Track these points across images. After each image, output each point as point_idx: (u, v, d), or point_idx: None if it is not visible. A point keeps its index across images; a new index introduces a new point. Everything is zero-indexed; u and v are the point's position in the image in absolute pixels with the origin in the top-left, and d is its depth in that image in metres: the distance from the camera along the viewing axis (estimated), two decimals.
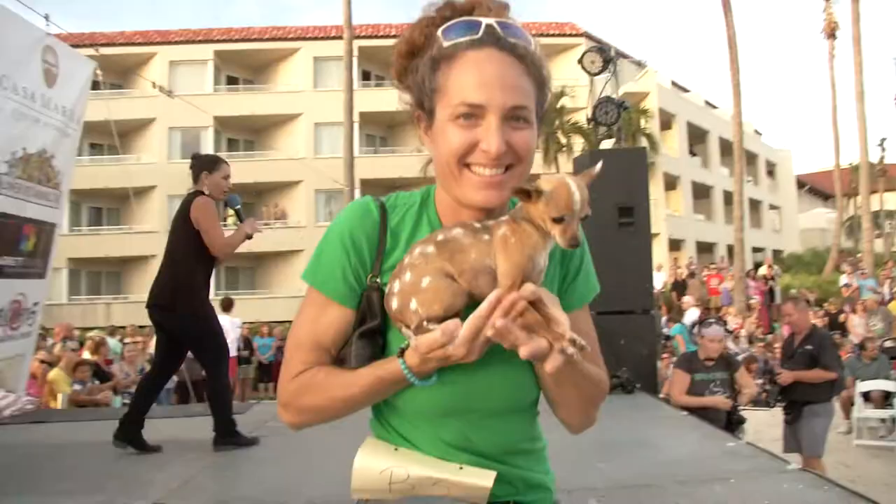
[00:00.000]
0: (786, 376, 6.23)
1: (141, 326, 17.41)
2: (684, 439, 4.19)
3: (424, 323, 1.07)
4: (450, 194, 1.18)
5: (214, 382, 4.66)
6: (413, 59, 1.19)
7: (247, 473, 4.02)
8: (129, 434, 4.50)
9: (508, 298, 1.02)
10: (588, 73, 7.48)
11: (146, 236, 26.74)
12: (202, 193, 4.69)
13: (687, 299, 15.15)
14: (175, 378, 12.10)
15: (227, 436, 4.54)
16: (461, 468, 1.16)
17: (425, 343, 1.05)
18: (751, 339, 14.56)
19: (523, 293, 1.02)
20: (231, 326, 13.35)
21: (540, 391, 1.24)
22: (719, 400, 5.74)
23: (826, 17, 29.25)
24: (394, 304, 1.10)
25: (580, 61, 7.53)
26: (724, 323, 7.57)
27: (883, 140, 40.14)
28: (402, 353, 1.10)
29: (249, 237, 4.91)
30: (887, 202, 37.46)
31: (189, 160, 4.95)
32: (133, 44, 28.17)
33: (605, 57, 7.36)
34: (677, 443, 4.07)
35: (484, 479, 1.15)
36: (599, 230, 6.24)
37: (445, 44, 1.12)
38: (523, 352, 1.02)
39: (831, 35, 28.28)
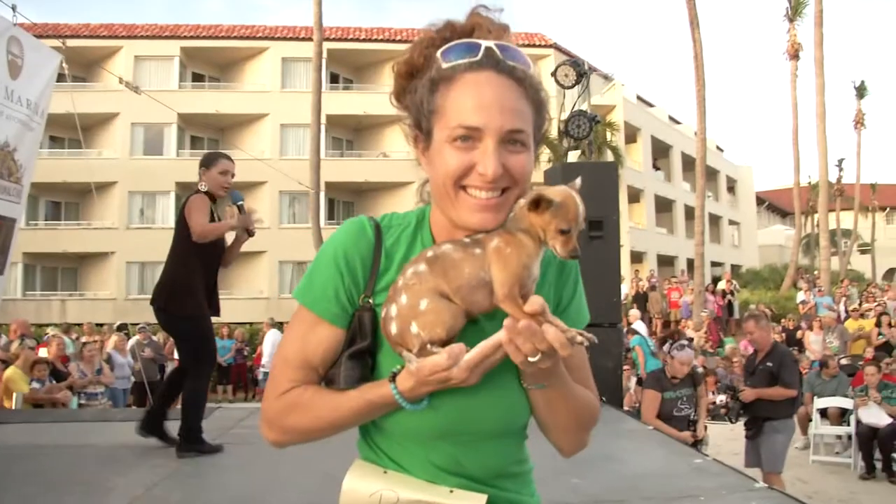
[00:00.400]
0: (747, 393, 6.34)
1: (98, 325, 17.04)
2: (652, 455, 4.23)
3: (428, 346, 1.05)
4: (445, 215, 1.17)
5: (193, 387, 4.56)
6: (412, 80, 1.18)
7: (212, 481, 3.94)
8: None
9: (524, 323, 1.01)
10: (561, 86, 7.53)
11: (105, 232, 26.21)
12: (200, 191, 4.66)
13: (634, 312, 15.35)
14: (132, 378, 11.90)
15: (192, 442, 4.45)
16: (452, 492, 1.15)
17: (428, 366, 1.04)
18: (702, 352, 14.78)
19: (533, 307, 1.03)
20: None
21: (530, 415, 1.23)
22: (686, 436, 5.93)
23: (790, 39, 29.98)
24: (393, 328, 1.09)
25: (553, 74, 7.58)
26: (691, 341, 7.69)
27: (841, 161, 41.41)
28: (393, 377, 1.09)
29: (251, 234, 4.88)
30: (843, 221, 38.52)
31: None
32: (97, 36, 27.61)
33: (579, 71, 7.42)
34: (646, 458, 4.10)
35: (475, 502, 1.14)
36: None
37: (444, 65, 1.12)
38: (551, 333, 1.01)
39: (794, 56, 28.96)
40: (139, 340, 13.22)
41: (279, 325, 16.28)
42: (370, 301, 1.16)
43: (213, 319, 4.82)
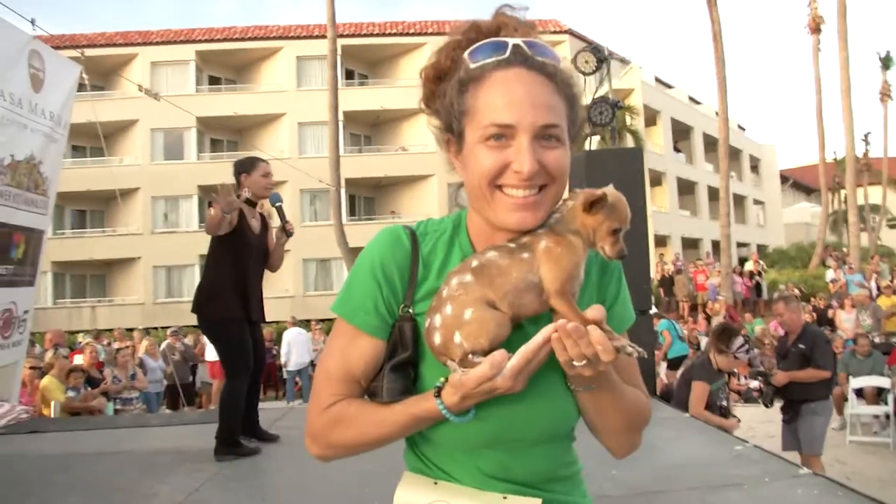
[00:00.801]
0: (780, 377, 6.24)
1: (128, 329, 17.26)
2: (692, 443, 4.18)
3: (470, 356, 1.04)
4: (483, 217, 1.15)
5: (229, 390, 4.58)
6: (440, 84, 1.17)
7: (253, 484, 3.95)
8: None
9: (572, 325, 0.99)
10: (582, 72, 7.44)
11: (131, 238, 26.53)
12: (247, 198, 4.71)
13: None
14: (165, 381, 12.05)
15: (230, 445, 4.46)
16: (505, 498, 1.13)
17: (473, 378, 1.01)
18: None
19: (595, 314, 1.02)
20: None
21: (578, 417, 1.20)
22: (734, 423, 5.83)
23: (811, 12, 29.43)
24: (436, 339, 1.07)
25: (573, 61, 7.47)
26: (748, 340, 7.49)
27: (867, 135, 40.76)
28: (438, 391, 1.07)
29: (289, 234, 4.89)
30: (871, 196, 37.87)
31: (170, 161, 4.90)
32: (114, 45, 27.88)
33: (599, 56, 7.32)
34: (686, 447, 4.05)
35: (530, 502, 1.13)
36: None
37: (472, 65, 1.11)
38: (596, 335, 0.99)
39: (816, 30, 28.43)
40: (170, 343, 13.37)
41: (302, 324, 16.35)
42: (410, 311, 1.15)
43: None
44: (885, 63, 38.18)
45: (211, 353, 13.41)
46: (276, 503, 3.53)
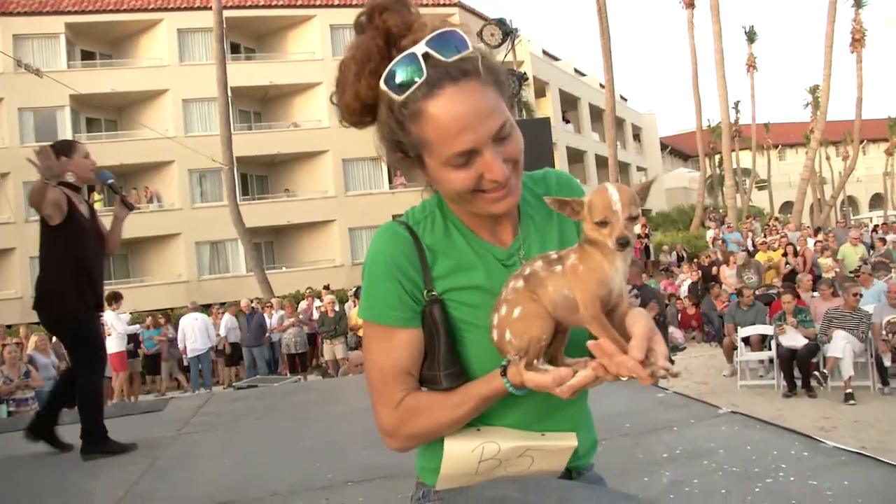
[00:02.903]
0: None
1: (8, 326, 16.08)
2: (617, 394, 4.43)
3: (536, 362, 1.11)
4: (467, 210, 1.22)
5: (84, 387, 4.32)
6: (370, 112, 1.17)
7: (193, 472, 3.87)
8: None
9: (610, 348, 1.01)
10: (488, 45, 7.58)
11: (3, 228, 24.64)
12: (63, 183, 4.31)
13: None
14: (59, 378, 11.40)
15: (96, 443, 4.24)
16: (543, 435, 1.24)
17: (532, 381, 1.08)
18: None
19: (636, 351, 1.00)
20: (117, 322, 12.66)
21: None
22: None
23: None
24: (495, 335, 1.13)
25: (479, 34, 7.61)
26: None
27: (737, 103, 43.54)
28: (504, 370, 1.14)
29: (131, 208, 4.70)
30: (741, 161, 40.55)
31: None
32: None
33: (505, 30, 7.48)
34: (613, 398, 4.29)
35: (568, 440, 1.25)
36: None
37: (398, 98, 1.09)
38: (629, 365, 1.01)
39: (690, 5, 29.84)
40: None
41: (203, 309, 15.83)
42: (434, 293, 1.21)
43: (131, 308, 4.59)
44: (751, 36, 40.71)
45: (113, 345, 12.81)
46: (222, 487, 3.47)
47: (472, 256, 1.24)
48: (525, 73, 7.87)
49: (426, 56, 1.07)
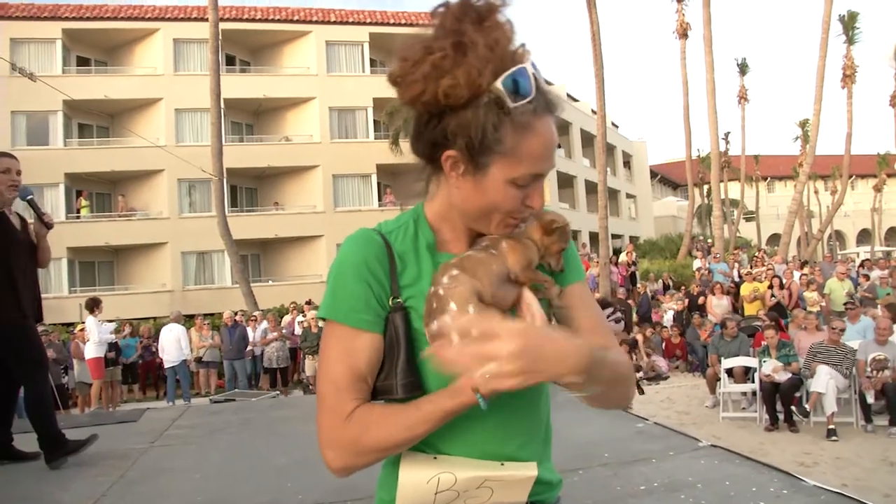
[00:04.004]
0: None
1: None
2: (597, 423, 4.38)
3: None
4: (472, 226, 1.24)
5: (32, 394, 4.25)
6: (457, 108, 1.11)
7: (163, 485, 3.78)
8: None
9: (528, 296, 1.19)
10: None
11: None
12: None
13: None
14: None
15: (57, 448, 4.20)
16: (503, 464, 1.20)
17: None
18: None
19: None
20: (96, 328, 12.50)
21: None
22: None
23: (678, 19, 31.28)
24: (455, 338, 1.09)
25: None
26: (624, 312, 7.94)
27: (727, 134, 43.89)
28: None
29: (49, 226, 4.59)
30: (730, 191, 40.86)
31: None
32: None
33: None
34: (592, 426, 4.25)
35: (528, 469, 1.20)
36: None
37: (513, 105, 1.09)
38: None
39: (683, 35, 30.24)
40: None
41: (187, 319, 15.68)
42: (399, 300, 1.20)
43: (114, 315, 4.53)
44: (742, 69, 41.26)
45: (91, 351, 12.64)
46: (193, 502, 3.39)
47: (433, 269, 1.23)
48: None
49: (539, 88, 1.12)
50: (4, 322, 4.19)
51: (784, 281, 14.84)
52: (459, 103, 1.10)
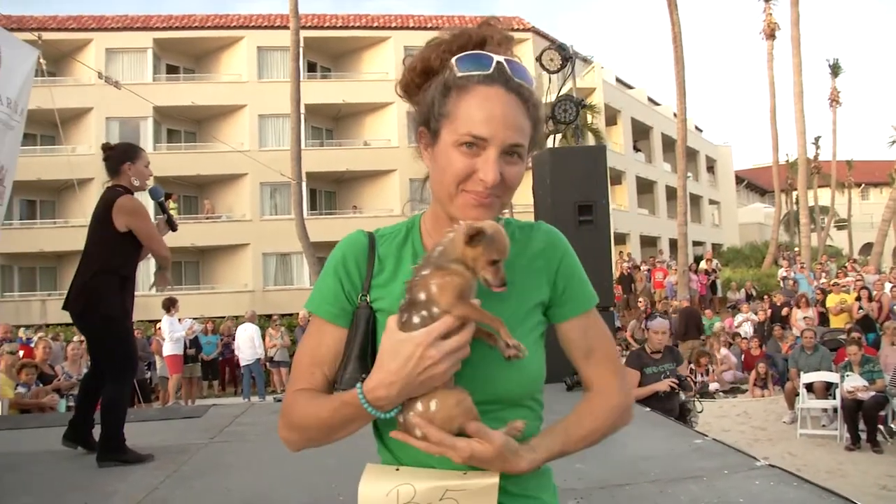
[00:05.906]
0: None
1: (68, 325, 16.75)
2: (652, 436, 4.25)
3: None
4: (444, 210, 1.26)
5: (111, 393, 4.31)
6: (425, 78, 1.26)
7: (214, 482, 3.89)
8: (81, 434, 4.39)
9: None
10: (546, 70, 7.52)
11: (83, 230, 25.77)
12: (123, 187, 4.45)
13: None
14: None
15: (113, 451, 4.21)
16: (465, 473, 1.18)
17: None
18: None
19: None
20: (170, 326, 13.01)
21: (530, 386, 1.25)
22: (662, 384, 6.13)
23: (766, 19, 30.16)
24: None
25: (539, 58, 7.56)
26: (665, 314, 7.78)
27: (818, 138, 41.90)
28: (363, 378, 1.14)
29: (174, 229, 4.80)
30: (820, 198, 38.97)
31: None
32: (66, 29, 26.99)
33: (564, 55, 7.40)
34: (646, 440, 4.12)
35: (490, 477, 1.17)
36: (559, 228, 6.24)
37: (459, 74, 1.20)
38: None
39: (771, 36, 29.13)
40: None
41: (264, 319, 16.14)
42: (366, 299, 1.26)
43: (197, 313, 4.68)
44: (835, 70, 39.36)
45: (168, 349, 13.18)
46: (237, 500, 3.47)
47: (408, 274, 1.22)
48: (583, 100, 7.74)
49: (499, 64, 1.20)
50: (106, 318, 4.29)
51: (874, 293, 14.05)
52: (416, 79, 1.27)
